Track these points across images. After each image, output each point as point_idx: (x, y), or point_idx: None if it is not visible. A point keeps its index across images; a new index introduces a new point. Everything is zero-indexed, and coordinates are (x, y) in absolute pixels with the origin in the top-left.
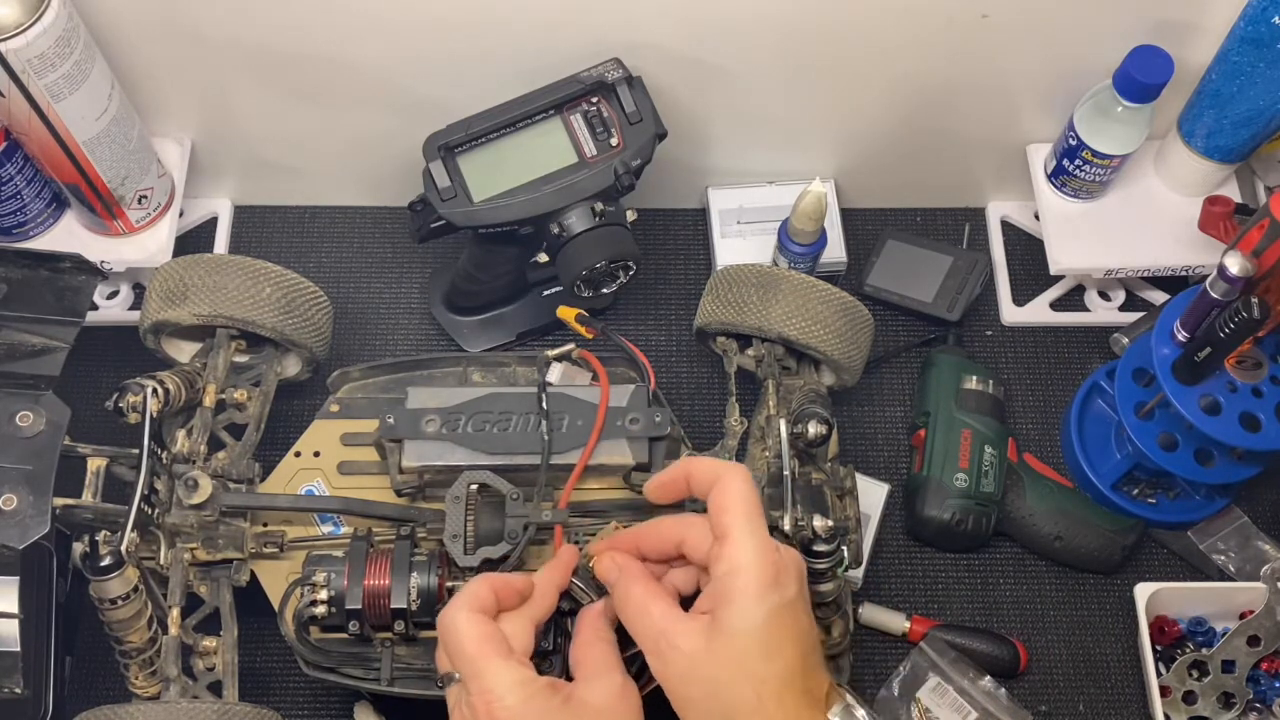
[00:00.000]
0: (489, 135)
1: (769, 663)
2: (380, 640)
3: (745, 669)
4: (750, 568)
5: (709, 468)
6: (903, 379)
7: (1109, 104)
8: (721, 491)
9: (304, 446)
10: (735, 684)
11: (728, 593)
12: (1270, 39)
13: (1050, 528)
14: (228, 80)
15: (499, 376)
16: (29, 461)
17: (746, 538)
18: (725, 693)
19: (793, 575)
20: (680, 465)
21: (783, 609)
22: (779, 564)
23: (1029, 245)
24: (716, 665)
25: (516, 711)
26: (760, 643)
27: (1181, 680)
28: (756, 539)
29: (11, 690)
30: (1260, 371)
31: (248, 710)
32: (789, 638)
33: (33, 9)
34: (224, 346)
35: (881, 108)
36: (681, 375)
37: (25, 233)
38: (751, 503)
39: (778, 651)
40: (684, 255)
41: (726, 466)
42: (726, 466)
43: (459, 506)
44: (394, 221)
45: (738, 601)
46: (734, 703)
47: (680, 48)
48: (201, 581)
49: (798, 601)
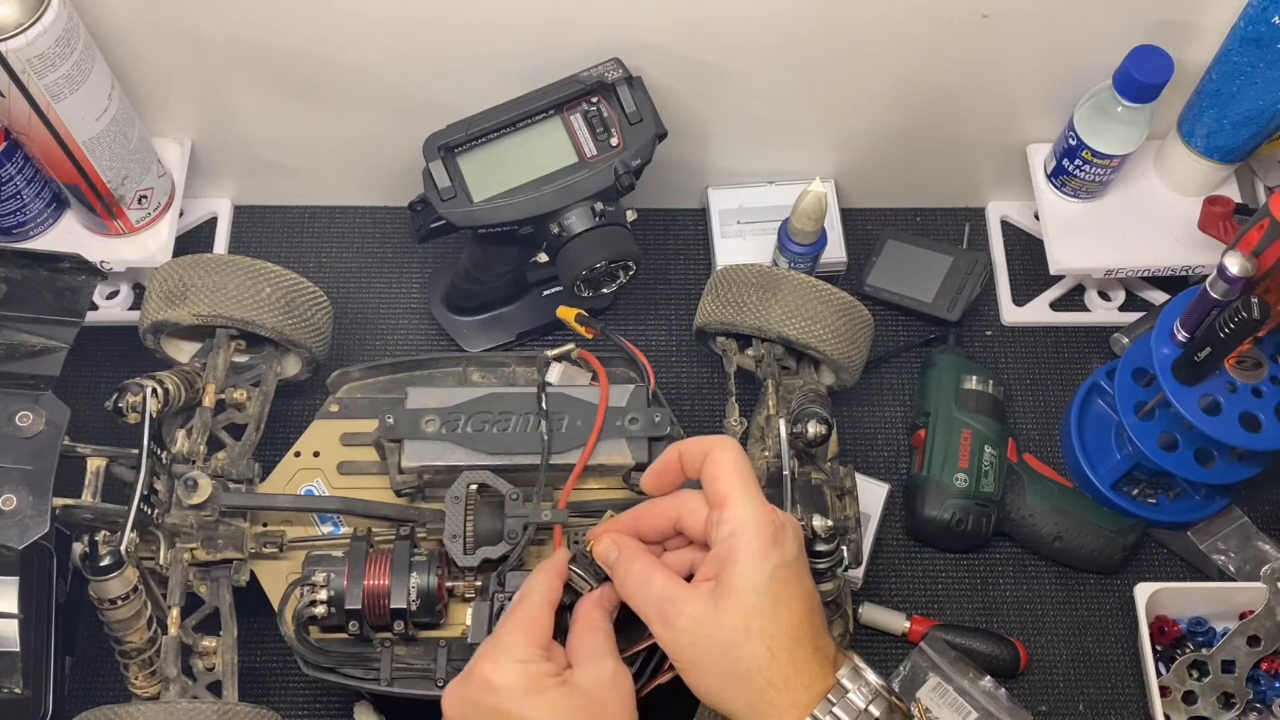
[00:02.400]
0: (489, 135)
1: (777, 619)
2: (380, 640)
3: (754, 626)
4: (750, 526)
5: (697, 444)
6: (903, 379)
7: (1109, 104)
8: (714, 463)
9: (304, 446)
10: (746, 642)
11: (731, 553)
12: (1270, 39)
13: (1050, 528)
14: (228, 80)
15: (499, 376)
16: (29, 461)
17: (744, 500)
18: (736, 651)
19: (791, 536)
20: (670, 450)
21: (786, 568)
22: (778, 523)
23: (1029, 245)
24: (725, 625)
25: (516, 692)
26: (768, 599)
27: (1181, 680)
28: (753, 501)
29: (11, 690)
30: (1260, 371)
31: (248, 710)
32: (795, 595)
33: (33, 9)
34: (224, 346)
35: (881, 108)
36: (681, 375)
37: (25, 233)
38: (745, 468)
39: (785, 608)
40: (684, 255)
41: (715, 440)
42: (715, 440)
43: (459, 506)
44: (394, 221)
45: (741, 560)
46: (746, 660)
47: (680, 48)
48: (201, 581)
49: (799, 562)
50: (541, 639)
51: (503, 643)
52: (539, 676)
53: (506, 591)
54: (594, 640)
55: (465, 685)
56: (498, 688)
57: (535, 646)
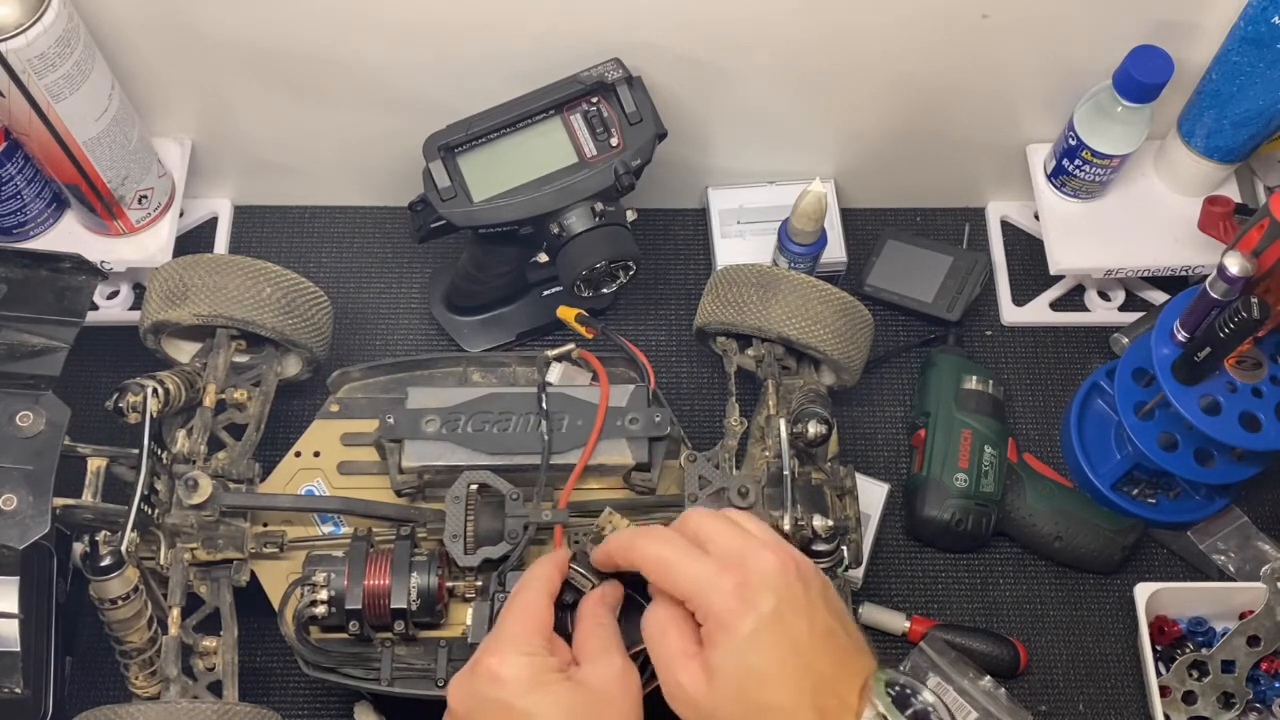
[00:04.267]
0: (489, 135)
1: (767, 691)
2: (380, 640)
3: (746, 702)
4: (708, 607)
5: (618, 543)
6: (903, 379)
7: (1109, 104)
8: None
9: (304, 446)
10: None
11: (706, 635)
12: (1270, 39)
13: (1050, 528)
14: (228, 80)
15: (499, 376)
16: (29, 461)
17: (686, 585)
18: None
19: (764, 586)
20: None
21: (763, 630)
22: (740, 585)
23: (1029, 245)
24: (718, 702)
25: (522, 686)
26: (752, 674)
27: (1181, 680)
28: (695, 578)
29: (11, 690)
30: (1260, 371)
31: (248, 710)
32: (782, 656)
33: (33, 9)
34: (224, 346)
35: (881, 108)
36: (681, 375)
37: (25, 233)
38: (663, 554)
39: (775, 677)
40: (684, 255)
41: (630, 535)
42: (630, 535)
43: (459, 506)
44: (394, 221)
45: (716, 643)
46: None
47: (680, 48)
48: (201, 581)
49: (782, 611)
50: (543, 630)
51: (505, 635)
52: (544, 670)
53: (507, 591)
54: (601, 637)
55: (471, 679)
56: (504, 680)
57: (538, 637)
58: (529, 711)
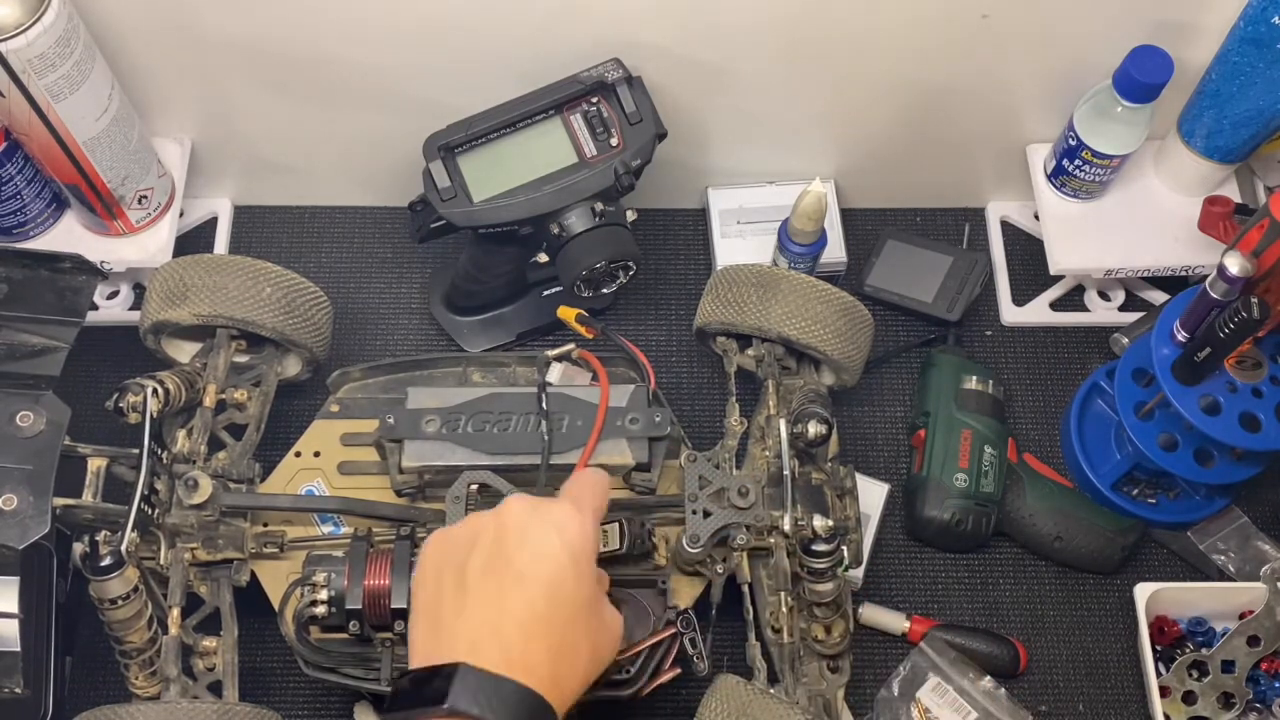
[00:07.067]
0: (489, 135)
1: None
2: (380, 640)
3: None
4: None
5: None
6: (903, 379)
7: (1109, 104)
8: None
9: (304, 446)
10: None
11: None
12: (1270, 39)
13: (1050, 528)
14: (228, 80)
15: (499, 376)
16: (29, 461)
17: None
18: None
19: None
20: None
21: None
22: None
23: (1029, 245)
24: None
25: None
26: None
27: (1181, 680)
28: None
29: (11, 690)
30: (1260, 371)
31: (248, 710)
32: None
33: (33, 9)
34: (224, 346)
35: (881, 108)
36: (681, 375)
37: (25, 233)
38: None
39: None
40: (684, 255)
41: None
42: None
43: (459, 506)
44: (394, 221)
45: None
46: None
47: (680, 48)
48: (201, 581)
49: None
50: None
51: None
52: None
53: None
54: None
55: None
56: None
57: None
58: None
